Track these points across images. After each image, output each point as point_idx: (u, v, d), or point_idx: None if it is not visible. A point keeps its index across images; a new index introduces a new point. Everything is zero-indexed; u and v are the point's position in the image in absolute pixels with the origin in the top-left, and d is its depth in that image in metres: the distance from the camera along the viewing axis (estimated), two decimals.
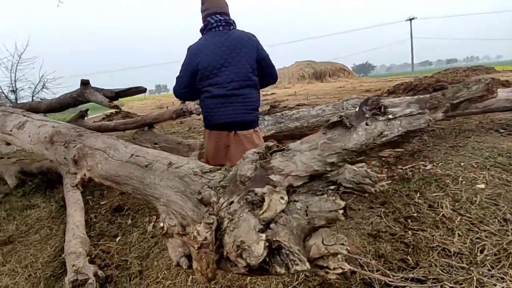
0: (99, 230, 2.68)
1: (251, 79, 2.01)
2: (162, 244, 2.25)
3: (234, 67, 1.96)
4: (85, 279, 1.83)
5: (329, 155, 0.84)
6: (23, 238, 2.78)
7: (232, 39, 1.99)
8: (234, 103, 1.99)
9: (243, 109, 2.00)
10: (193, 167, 1.20)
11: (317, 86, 22.79)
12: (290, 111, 3.86)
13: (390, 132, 0.83)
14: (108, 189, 3.43)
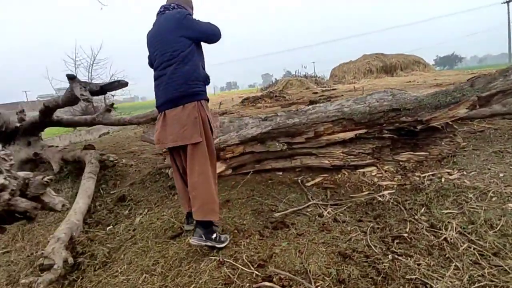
0: (97, 218, 2.83)
1: (178, 56, 1.93)
2: (136, 239, 2.25)
3: (161, 49, 1.99)
4: (51, 264, 1.92)
5: None
6: (42, 219, 3.09)
7: (159, 23, 2.05)
8: (162, 84, 1.99)
9: (168, 87, 1.94)
10: None
11: (383, 80, 20.93)
12: (306, 106, 3.54)
13: None
14: (122, 179, 3.62)
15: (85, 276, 1.99)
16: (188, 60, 1.95)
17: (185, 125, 1.89)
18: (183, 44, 1.94)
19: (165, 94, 1.97)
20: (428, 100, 2.24)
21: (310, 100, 7.22)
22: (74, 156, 4.08)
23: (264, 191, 2.59)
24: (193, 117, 1.90)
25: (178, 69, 1.94)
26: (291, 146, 2.67)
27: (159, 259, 1.92)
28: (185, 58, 1.95)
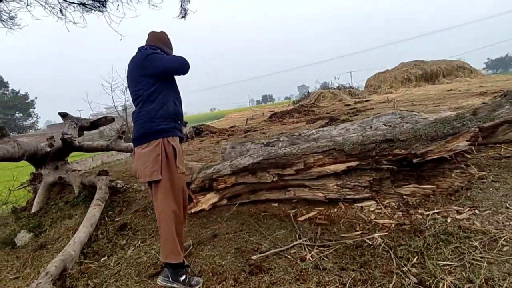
0: (96, 248, 2.88)
1: (140, 94, 2.00)
2: (120, 275, 2.24)
3: (131, 90, 2.10)
4: None
5: None
6: (51, 245, 3.23)
7: (130, 65, 2.11)
8: (134, 121, 2.07)
9: (136, 125, 2.03)
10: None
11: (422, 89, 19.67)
12: (309, 130, 3.36)
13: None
14: (128, 206, 3.70)
15: None
16: (154, 98, 1.98)
17: (146, 162, 1.93)
18: (146, 83, 1.98)
19: (135, 132, 2.05)
20: (425, 130, 1.98)
21: (330, 117, 6.94)
22: (90, 181, 4.28)
23: (253, 226, 2.46)
24: (155, 155, 1.92)
25: (144, 107, 2.00)
26: (282, 177, 2.53)
27: None
28: (150, 96, 1.99)
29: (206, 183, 2.85)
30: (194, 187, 2.90)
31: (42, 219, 3.93)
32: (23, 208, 5.11)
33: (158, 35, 2.22)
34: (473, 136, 1.76)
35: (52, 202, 4.60)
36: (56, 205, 4.30)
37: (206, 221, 2.75)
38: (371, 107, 12.06)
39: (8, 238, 3.58)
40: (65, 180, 4.81)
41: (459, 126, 1.84)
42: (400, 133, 2.06)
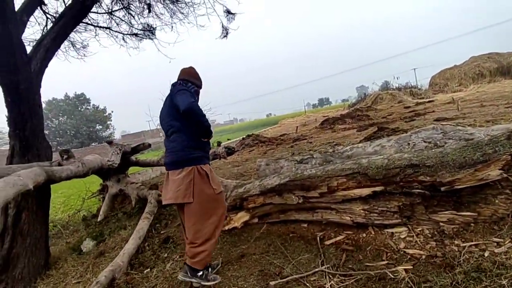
0: (141, 259, 3.17)
1: (173, 126, 2.30)
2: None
3: (162, 123, 2.44)
4: None
5: None
6: (108, 253, 3.64)
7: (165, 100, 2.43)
8: (167, 148, 2.37)
9: (170, 152, 2.32)
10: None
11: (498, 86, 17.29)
12: (344, 147, 3.26)
13: None
14: (173, 219, 3.98)
15: None
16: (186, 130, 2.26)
17: (179, 186, 2.18)
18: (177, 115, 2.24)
19: (168, 157, 2.35)
20: (453, 156, 1.78)
21: (379, 127, 6.52)
22: (143, 194, 4.72)
23: (279, 248, 2.48)
24: (188, 180, 2.18)
25: (177, 138, 2.29)
26: (307, 200, 2.51)
27: None
28: (182, 127, 2.27)
29: (237, 202, 2.96)
30: (227, 205, 3.03)
31: (103, 228, 4.46)
32: (93, 216, 5.84)
33: (187, 71, 2.54)
34: (506, 164, 1.54)
35: (114, 212, 5.17)
36: (116, 216, 4.83)
37: (237, 240, 2.85)
38: (432, 109, 11.05)
39: (77, 245, 4.14)
40: (124, 192, 5.37)
41: (490, 153, 1.63)
42: (427, 158, 1.89)
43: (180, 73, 2.51)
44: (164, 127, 2.41)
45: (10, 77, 3.20)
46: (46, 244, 3.90)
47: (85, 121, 49.64)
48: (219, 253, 2.70)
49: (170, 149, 2.30)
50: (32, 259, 3.62)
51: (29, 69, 3.44)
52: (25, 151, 3.64)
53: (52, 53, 4.30)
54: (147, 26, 5.41)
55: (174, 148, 2.27)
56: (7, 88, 3.29)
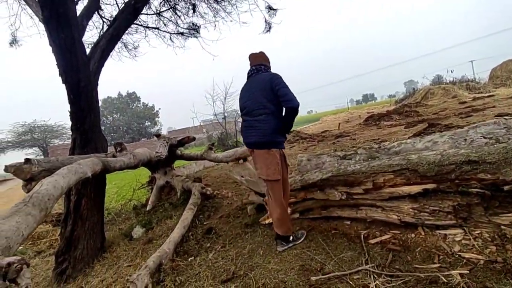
0: (186, 248, 3.32)
1: (266, 107, 2.50)
2: (199, 276, 2.55)
3: (252, 102, 2.59)
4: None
5: None
6: (156, 241, 3.87)
7: (252, 82, 2.69)
8: (251, 129, 2.60)
9: (256, 134, 2.54)
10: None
11: None
12: (391, 143, 3.08)
13: None
14: (216, 211, 4.10)
15: None
16: (278, 114, 2.53)
17: (269, 165, 2.50)
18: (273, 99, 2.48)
19: (255, 136, 2.57)
20: None
21: (429, 123, 6.06)
22: (187, 187, 4.92)
23: (320, 244, 2.44)
24: (276, 161, 2.50)
25: (267, 119, 2.50)
26: (351, 196, 2.42)
27: None
28: (275, 112, 2.51)
29: None
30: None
31: (152, 217, 4.74)
32: (143, 205, 6.23)
33: (264, 56, 2.82)
34: None
35: (161, 202, 5.47)
36: (163, 206, 5.10)
37: None
38: (492, 105, 10.02)
39: (128, 231, 4.45)
40: (171, 184, 5.65)
41: None
42: (487, 154, 1.71)
43: (258, 58, 2.79)
44: (253, 105, 2.58)
45: (72, 75, 3.52)
46: (102, 229, 4.25)
47: (136, 117, 53.00)
48: (259, 246, 2.73)
49: (258, 128, 2.52)
50: (90, 241, 3.97)
51: (88, 68, 3.75)
52: (84, 144, 3.99)
53: (107, 54, 4.64)
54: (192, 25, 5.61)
55: (262, 128, 2.50)
56: (69, 85, 3.63)
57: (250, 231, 3.12)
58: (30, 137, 37.88)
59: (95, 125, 4.08)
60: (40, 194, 1.60)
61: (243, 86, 2.81)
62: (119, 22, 4.63)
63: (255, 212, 3.47)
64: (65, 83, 3.58)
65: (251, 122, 2.60)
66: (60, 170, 2.10)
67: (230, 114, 14.20)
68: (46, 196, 1.62)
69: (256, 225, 3.18)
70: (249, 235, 3.05)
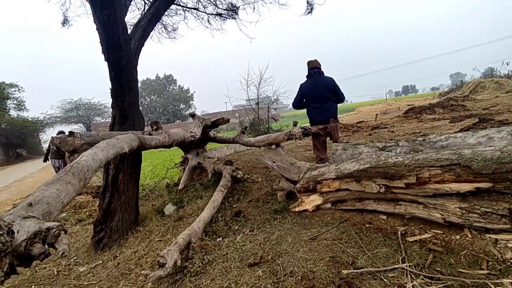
0: (214, 228, 3.36)
1: (329, 98, 4.31)
2: (227, 257, 2.56)
3: (319, 95, 4.31)
4: (163, 263, 2.50)
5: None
6: (186, 219, 3.97)
7: (319, 80, 4.36)
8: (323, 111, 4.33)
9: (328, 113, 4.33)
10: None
11: None
12: (438, 136, 2.83)
13: None
14: (245, 195, 4.10)
15: (184, 279, 2.46)
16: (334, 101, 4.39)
17: (338, 125, 4.43)
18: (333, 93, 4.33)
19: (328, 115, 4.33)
20: None
21: (480, 118, 5.52)
22: (218, 169, 4.97)
23: (353, 237, 2.33)
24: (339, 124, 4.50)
25: (332, 105, 4.36)
26: (390, 189, 2.27)
27: (231, 285, 2.13)
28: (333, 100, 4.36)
29: (310, 185, 2.87)
30: (299, 187, 2.97)
31: (183, 196, 4.86)
32: (175, 184, 6.42)
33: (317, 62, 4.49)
34: None
35: (192, 182, 5.60)
36: (194, 186, 5.21)
37: (308, 223, 2.78)
38: None
39: (160, 208, 4.61)
40: (202, 165, 5.74)
41: None
42: None
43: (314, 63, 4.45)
44: (317, 97, 4.32)
45: (114, 53, 3.61)
46: (136, 203, 4.44)
47: (172, 100, 54.62)
48: (288, 233, 2.68)
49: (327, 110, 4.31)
50: (125, 214, 4.16)
51: (129, 47, 3.83)
52: (123, 121, 4.13)
53: (147, 33, 4.71)
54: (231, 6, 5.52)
55: (329, 110, 4.32)
56: (111, 63, 3.73)
57: (279, 218, 3.07)
58: (75, 113, 40.53)
59: (133, 103, 4.19)
60: (80, 165, 1.65)
61: (307, 81, 4.46)
62: (159, 2, 4.66)
63: (285, 198, 3.41)
64: (107, 60, 3.68)
65: (322, 107, 4.32)
66: (99, 143, 2.16)
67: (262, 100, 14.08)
68: (86, 167, 1.66)
69: (286, 212, 3.12)
70: (278, 221, 3.01)
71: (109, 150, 2.13)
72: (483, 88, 17.21)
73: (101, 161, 1.94)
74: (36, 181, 11.01)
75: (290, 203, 3.27)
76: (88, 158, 1.77)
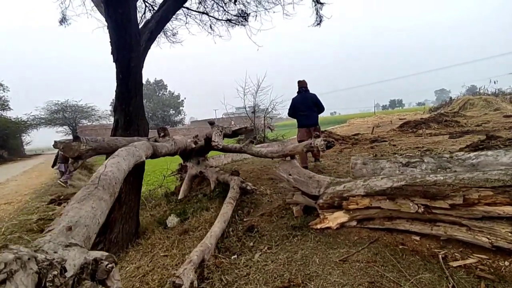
0: (227, 244, 3.15)
1: (313, 109, 5.75)
2: (249, 279, 2.36)
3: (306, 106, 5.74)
4: (180, 284, 2.27)
5: None
6: (192, 232, 3.73)
7: (304, 96, 5.83)
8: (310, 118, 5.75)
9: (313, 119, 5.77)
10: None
11: None
12: (467, 153, 2.74)
13: None
14: (255, 208, 3.91)
15: None
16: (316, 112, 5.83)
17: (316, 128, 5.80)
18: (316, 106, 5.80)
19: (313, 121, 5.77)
20: None
21: (487, 134, 5.55)
22: (224, 179, 4.76)
23: (389, 259, 2.18)
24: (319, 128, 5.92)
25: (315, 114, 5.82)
26: (430, 210, 2.14)
27: None
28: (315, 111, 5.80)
29: (335, 201, 2.71)
30: (322, 203, 2.81)
31: (186, 206, 4.62)
32: (171, 193, 6.15)
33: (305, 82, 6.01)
34: None
35: (193, 192, 5.36)
36: (196, 196, 4.98)
37: (333, 241, 2.61)
38: None
39: (162, 219, 4.35)
40: (204, 174, 5.52)
41: None
42: None
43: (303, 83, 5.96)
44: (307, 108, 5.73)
45: (124, 54, 3.41)
46: (137, 214, 4.17)
47: (161, 105, 53.92)
48: (314, 252, 2.50)
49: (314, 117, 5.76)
50: (125, 226, 3.89)
51: (139, 48, 3.63)
52: (127, 126, 3.90)
53: (155, 36, 4.53)
54: (241, 12, 5.41)
55: (315, 117, 5.78)
56: (120, 64, 3.52)
57: (299, 235, 2.89)
58: (61, 115, 39.32)
59: (139, 108, 3.98)
60: (107, 176, 1.44)
61: (297, 96, 5.94)
62: (168, 4, 4.49)
63: (301, 213, 3.24)
64: (116, 61, 3.47)
65: (308, 115, 5.76)
66: (119, 151, 1.95)
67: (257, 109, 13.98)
68: (114, 180, 1.46)
69: (305, 229, 2.95)
70: (298, 239, 2.83)
71: (130, 159, 1.93)
72: (472, 105, 17.67)
73: (125, 172, 1.74)
74: (20, 184, 10.43)
75: (308, 219, 3.10)
76: (113, 169, 1.57)
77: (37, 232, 5.05)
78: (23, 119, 33.24)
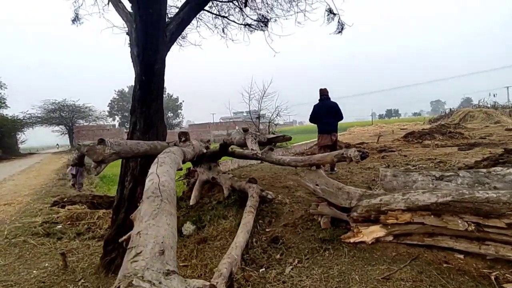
0: (252, 256, 3.03)
1: (333, 117, 6.05)
2: None
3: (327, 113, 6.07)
4: None
5: None
6: (212, 242, 3.60)
7: (326, 103, 6.17)
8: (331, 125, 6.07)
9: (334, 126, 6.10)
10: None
11: None
12: (503, 169, 2.68)
13: None
14: (276, 217, 3.80)
15: None
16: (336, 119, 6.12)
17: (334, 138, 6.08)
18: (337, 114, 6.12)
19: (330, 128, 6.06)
20: None
21: (506, 148, 5.51)
22: (240, 186, 4.63)
23: (436, 278, 2.08)
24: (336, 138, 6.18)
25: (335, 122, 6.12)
26: (481, 228, 2.06)
27: None
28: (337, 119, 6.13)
29: (371, 214, 2.62)
30: (356, 216, 2.72)
31: (201, 214, 4.48)
32: (180, 198, 6.01)
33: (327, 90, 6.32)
34: None
35: (205, 199, 5.22)
36: (210, 203, 4.84)
37: (370, 257, 2.51)
38: None
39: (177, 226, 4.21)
40: (216, 180, 5.39)
41: None
42: None
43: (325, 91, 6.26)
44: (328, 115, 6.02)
45: (150, 55, 3.31)
46: None
47: None
48: (350, 268, 2.40)
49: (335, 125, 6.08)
50: None
51: (165, 49, 3.54)
52: (147, 129, 3.77)
53: (175, 38, 4.43)
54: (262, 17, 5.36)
55: (334, 124, 6.05)
56: (144, 65, 3.41)
57: (330, 248, 2.79)
58: (58, 115, 38.90)
59: (159, 111, 3.87)
60: (166, 187, 1.34)
61: (319, 104, 6.24)
62: (191, 6, 4.41)
63: (329, 225, 3.14)
64: (140, 62, 3.37)
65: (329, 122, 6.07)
66: (163, 158, 1.85)
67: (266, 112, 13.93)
68: (172, 190, 1.36)
69: (336, 242, 2.84)
70: (329, 253, 2.72)
71: (174, 167, 1.82)
72: (472, 117, 17.82)
73: (173, 181, 1.63)
74: (18, 184, 10.17)
75: (337, 232, 3.00)
76: (167, 179, 1.47)
77: (43, 236, 4.87)
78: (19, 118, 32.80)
